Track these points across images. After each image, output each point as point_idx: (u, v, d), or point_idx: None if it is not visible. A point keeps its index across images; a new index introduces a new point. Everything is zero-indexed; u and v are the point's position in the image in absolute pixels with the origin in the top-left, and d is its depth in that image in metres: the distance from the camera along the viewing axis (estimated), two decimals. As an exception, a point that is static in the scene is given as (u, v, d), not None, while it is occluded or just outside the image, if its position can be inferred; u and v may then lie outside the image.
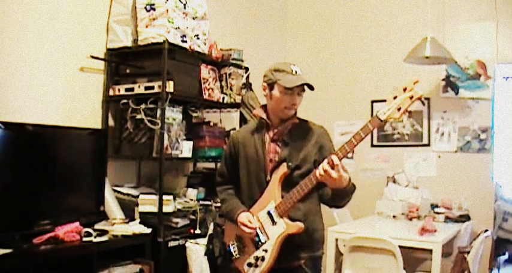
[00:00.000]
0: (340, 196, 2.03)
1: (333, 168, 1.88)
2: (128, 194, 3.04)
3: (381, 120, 1.86)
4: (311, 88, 2.10)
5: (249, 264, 2.16)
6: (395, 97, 1.84)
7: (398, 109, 1.82)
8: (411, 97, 1.81)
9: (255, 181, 2.19)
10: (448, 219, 4.03)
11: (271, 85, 2.14)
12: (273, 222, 2.10)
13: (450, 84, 4.41)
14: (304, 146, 2.14)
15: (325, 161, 1.90)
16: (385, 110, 1.85)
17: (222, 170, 2.40)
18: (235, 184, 2.32)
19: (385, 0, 4.81)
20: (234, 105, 3.64)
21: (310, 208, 2.14)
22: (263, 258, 2.12)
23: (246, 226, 2.14)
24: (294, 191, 2.05)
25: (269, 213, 2.11)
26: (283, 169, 2.10)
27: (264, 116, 2.21)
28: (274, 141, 2.18)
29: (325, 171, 1.88)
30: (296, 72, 2.12)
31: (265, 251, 2.12)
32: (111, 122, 3.21)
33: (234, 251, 2.25)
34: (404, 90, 1.83)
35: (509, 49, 4.21)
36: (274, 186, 2.12)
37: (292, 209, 2.08)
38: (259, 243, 2.14)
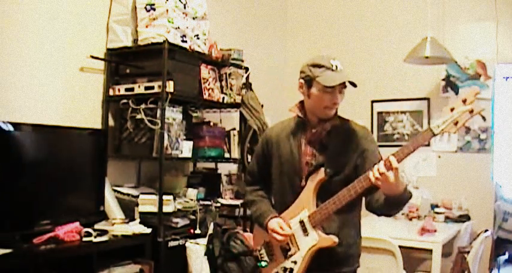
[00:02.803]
0: (394, 204, 1.81)
1: (390, 170, 1.68)
2: (128, 194, 3.04)
3: (435, 134, 1.68)
4: (354, 85, 1.92)
5: None
6: (452, 109, 1.67)
7: (455, 123, 1.65)
8: (471, 111, 1.64)
9: (288, 184, 2.01)
10: (448, 219, 4.03)
11: (309, 82, 1.93)
12: (305, 232, 1.94)
13: (450, 84, 4.41)
14: (344, 150, 1.95)
15: (381, 163, 1.70)
16: (440, 123, 1.68)
17: (252, 168, 2.23)
18: (266, 184, 2.15)
19: (385, 0, 4.81)
20: (234, 105, 3.63)
21: (346, 220, 1.95)
22: (291, 271, 1.97)
23: (277, 233, 1.96)
24: (331, 202, 1.86)
25: (302, 222, 1.95)
26: (320, 175, 1.91)
27: (300, 114, 2.02)
28: (312, 143, 1.99)
29: (381, 174, 1.68)
30: (337, 67, 1.94)
31: (295, 262, 1.96)
32: (111, 122, 3.21)
33: (262, 258, 2.09)
34: (464, 101, 1.66)
35: (509, 49, 4.21)
36: (309, 193, 1.94)
37: (327, 220, 1.90)
38: (289, 253, 1.98)
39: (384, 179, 1.68)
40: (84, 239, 2.49)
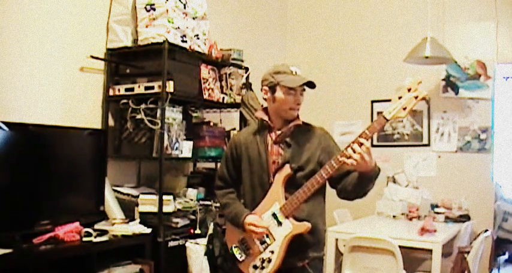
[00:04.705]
0: (367, 179, 1.99)
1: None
2: (128, 194, 3.04)
3: (387, 119, 1.91)
4: (313, 86, 2.11)
5: (255, 267, 2.14)
6: (400, 97, 1.90)
7: (404, 109, 1.88)
8: (416, 97, 1.87)
9: (257, 183, 2.17)
10: (448, 219, 4.03)
11: (273, 88, 2.14)
12: (279, 223, 2.09)
13: (450, 84, 4.41)
14: (308, 147, 2.14)
15: (355, 144, 1.91)
16: (391, 109, 1.90)
17: (222, 173, 2.36)
18: (236, 187, 2.31)
19: (385, 0, 4.81)
20: (234, 105, 3.64)
21: (313, 209, 2.13)
22: (269, 260, 2.10)
23: (255, 225, 2.11)
24: (300, 191, 2.04)
25: (274, 214, 2.10)
26: (286, 170, 2.09)
27: (266, 118, 2.20)
28: (277, 143, 2.17)
29: (358, 153, 1.88)
30: (296, 72, 2.14)
31: (272, 252, 2.10)
32: (111, 122, 3.21)
33: (238, 254, 2.22)
34: (409, 90, 1.89)
35: (509, 49, 4.21)
36: (277, 188, 2.11)
37: (297, 210, 2.07)
38: (266, 244, 2.12)
39: (359, 157, 1.88)
40: (84, 239, 2.49)
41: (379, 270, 3.12)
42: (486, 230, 3.49)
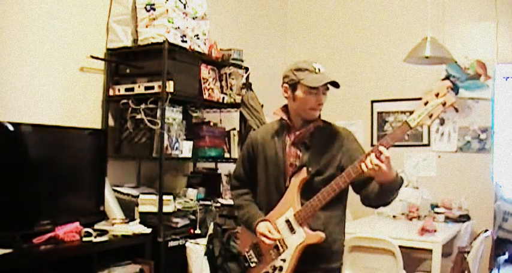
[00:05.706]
0: (389, 190, 1.86)
1: (381, 161, 1.74)
2: (128, 194, 3.04)
3: (411, 127, 1.75)
4: (337, 86, 1.98)
5: None
6: (426, 103, 1.74)
7: (430, 116, 1.73)
8: (444, 104, 1.72)
9: (273, 185, 2.06)
10: (448, 219, 4.03)
11: (293, 86, 2.01)
12: (292, 231, 1.98)
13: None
14: (327, 150, 2.00)
15: (373, 154, 1.76)
16: (415, 116, 1.74)
17: (238, 172, 2.25)
18: (252, 187, 2.20)
19: (385, 0, 4.81)
20: (234, 105, 3.64)
21: (330, 217, 2.00)
22: (281, 269, 2.01)
23: (266, 237, 2.00)
24: (316, 199, 1.91)
25: (288, 221, 1.99)
26: (302, 174, 1.97)
27: (285, 117, 2.08)
28: (295, 144, 2.04)
29: (375, 164, 1.74)
30: (319, 70, 2.02)
31: (284, 260, 2.00)
32: (111, 122, 3.21)
33: (250, 259, 2.12)
34: (437, 95, 1.73)
35: (509, 49, 4.21)
36: (293, 192, 1.99)
37: (312, 217, 1.95)
38: (278, 251, 2.02)
39: (377, 168, 1.74)
40: (84, 239, 2.49)
41: (379, 270, 3.12)
42: (486, 230, 3.49)
